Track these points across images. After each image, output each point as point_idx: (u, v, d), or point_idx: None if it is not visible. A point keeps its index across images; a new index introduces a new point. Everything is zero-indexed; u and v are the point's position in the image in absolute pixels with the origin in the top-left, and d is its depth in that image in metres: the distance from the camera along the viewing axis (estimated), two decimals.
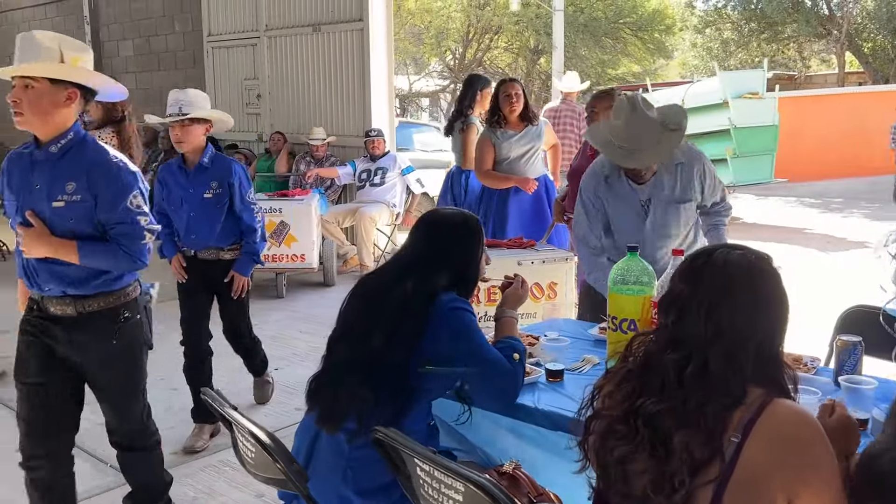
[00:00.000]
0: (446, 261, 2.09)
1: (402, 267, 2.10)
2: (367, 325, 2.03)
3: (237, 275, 3.80)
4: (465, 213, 2.25)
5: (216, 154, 3.76)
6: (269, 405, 4.12)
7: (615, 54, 24.12)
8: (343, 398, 1.95)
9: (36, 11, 12.41)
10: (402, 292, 2.01)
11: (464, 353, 1.98)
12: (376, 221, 7.18)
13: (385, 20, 7.62)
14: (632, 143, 2.78)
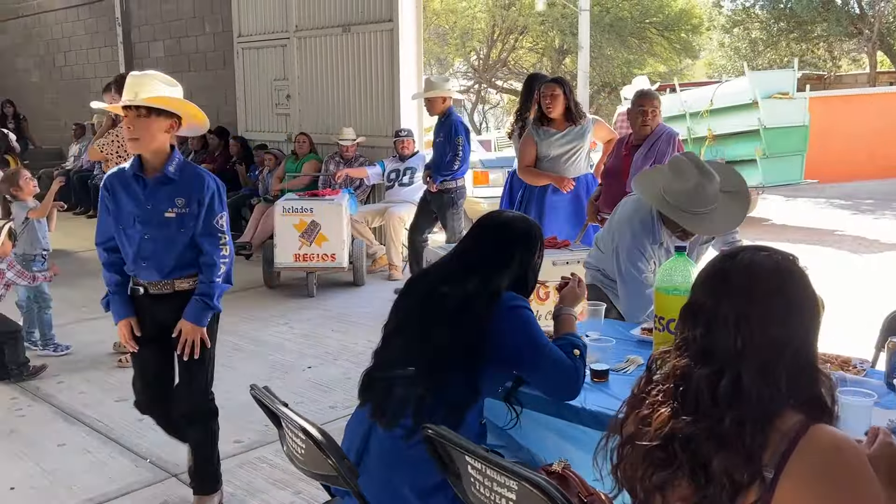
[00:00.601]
0: (509, 265, 2.12)
1: (465, 267, 2.12)
2: (426, 322, 2.04)
3: (186, 326, 2.81)
4: (528, 219, 2.28)
5: (185, 162, 2.85)
6: (302, 403, 4.14)
7: (641, 54, 23.97)
8: (398, 394, 1.96)
9: (69, 13, 12.60)
10: (464, 292, 2.03)
11: (525, 351, 2.00)
12: (405, 221, 7.20)
13: (415, 20, 7.64)
14: (701, 207, 2.71)
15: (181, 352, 2.84)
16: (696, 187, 2.68)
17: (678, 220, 2.76)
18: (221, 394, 4.23)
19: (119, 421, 3.91)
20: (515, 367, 2.05)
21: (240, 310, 6.05)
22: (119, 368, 4.68)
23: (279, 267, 6.52)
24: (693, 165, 2.72)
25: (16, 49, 14.22)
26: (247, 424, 3.86)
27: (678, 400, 1.31)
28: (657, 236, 2.92)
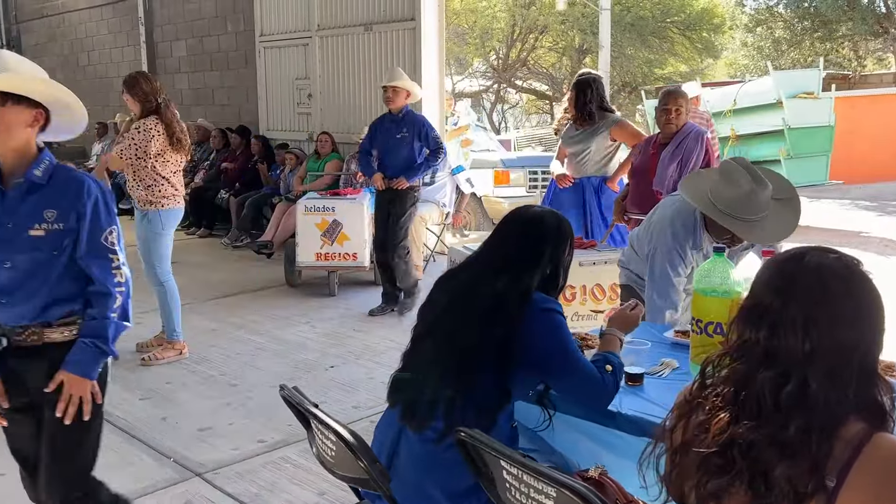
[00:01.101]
0: (539, 262, 2.06)
1: (493, 265, 2.06)
2: (455, 323, 2.00)
3: (69, 378, 2.10)
4: (557, 214, 2.21)
5: (58, 165, 2.22)
6: (325, 403, 4.10)
7: (662, 54, 23.79)
8: (428, 396, 1.93)
9: (92, 13, 12.69)
10: (494, 291, 1.99)
11: (554, 357, 1.95)
12: (426, 221, 7.17)
13: (437, 19, 7.62)
14: (753, 214, 2.64)
15: (61, 413, 2.09)
16: (748, 194, 2.61)
17: (730, 227, 2.68)
18: (244, 392, 4.27)
19: (143, 419, 3.90)
20: (542, 372, 1.99)
21: (262, 308, 6.05)
22: (143, 367, 4.69)
23: (301, 266, 6.51)
24: (745, 171, 2.65)
25: (40, 48, 14.34)
26: (270, 424, 3.85)
27: (738, 405, 1.27)
28: (698, 241, 2.86)
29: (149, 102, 4.53)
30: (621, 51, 22.06)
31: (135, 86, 4.52)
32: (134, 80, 4.56)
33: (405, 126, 5.70)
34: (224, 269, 7.45)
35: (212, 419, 3.91)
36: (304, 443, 3.61)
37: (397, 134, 5.70)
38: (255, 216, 8.81)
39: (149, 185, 4.56)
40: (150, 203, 4.59)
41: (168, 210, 4.63)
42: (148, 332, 5.24)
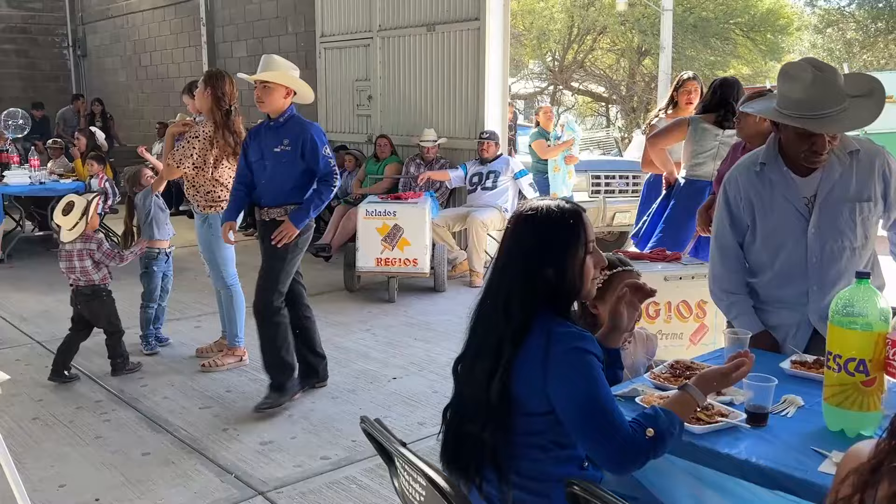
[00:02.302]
0: (537, 267, 1.74)
1: (496, 285, 1.79)
2: (473, 360, 1.79)
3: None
4: (561, 203, 1.81)
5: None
6: (389, 417, 3.94)
7: (724, 55, 23.15)
8: (468, 444, 1.74)
9: (155, 14, 12.82)
10: (501, 322, 1.72)
11: (578, 406, 1.66)
12: (488, 227, 6.97)
13: (502, 19, 7.41)
14: (817, 108, 2.27)
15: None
16: (812, 83, 2.27)
17: (800, 123, 2.32)
18: (307, 404, 4.12)
19: (203, 430, 3.78)
20: (563, 418, 1.69)
21: (322, 314, 5.88)
22: (202, 373, 4.59)
23: (361, 271, 6.37)
24: (806, 63, 2.33)
25: (104, 49, 14.59)
26: (334, 439, 3.70)
27: None
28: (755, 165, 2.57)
29: (223, 104, 4.41)
30: (681, 52, 21.52)
31: (217, 81, 4.40)
32: (219, 76, 4.44)
33: (287, 135, 3.97)
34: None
35: (273, 432, 3.77)
36: (369, 461, 3.45)
37: (276, 146, 3.98)
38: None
39: (207, 191, 4.48)
40: (210, 206, 4.50)
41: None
42: (207, 337, 5.16)
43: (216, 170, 4.45)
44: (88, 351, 5.03)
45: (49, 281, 6.92)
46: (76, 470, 3.37)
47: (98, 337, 5.30)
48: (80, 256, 4.38)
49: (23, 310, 5.93)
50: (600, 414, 1.64)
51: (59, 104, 13.28)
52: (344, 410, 4.04)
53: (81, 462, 3.44)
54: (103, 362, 4.79)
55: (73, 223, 4.31)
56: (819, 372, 2.02)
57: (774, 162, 2.54)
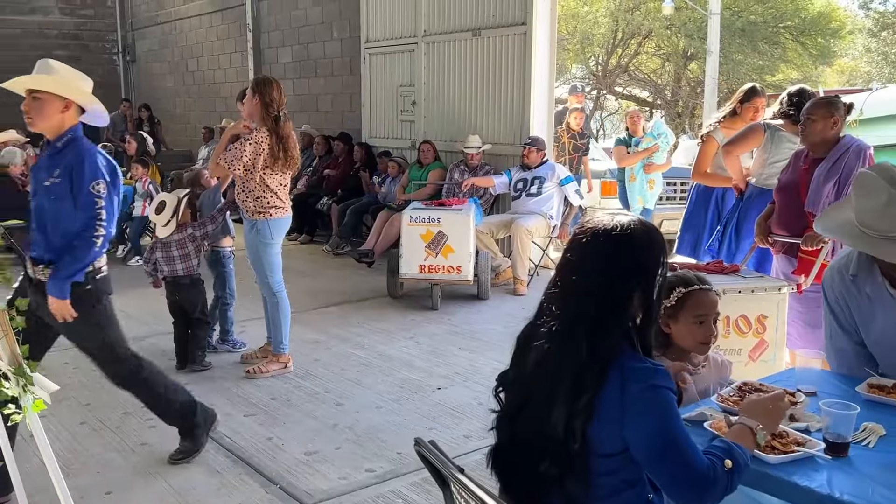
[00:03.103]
0: (625, 292, 1.63)
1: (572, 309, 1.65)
2: (542, 395, 1.66)
3: None
4: (644, 221, 1.74)
5: None
6: (434, 429, 3.87)
7: (773, 60, 22.67)
8: (528, 475, 1.65)
9: (202, 20, 12.99)
10: (580, 352, 1.60)
11: (655, 443, 1.57)
12: (533, 234, 6.87)
13: (549, 24, 7.31)
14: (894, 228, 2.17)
15: None
16: (886, 205, 2.17)
17: (857, 246, 2.26)
18: (351, 413, 4.07)
19: (248, 438, 3.76)
20: (637, 456, 1.61)
21: (365, 320, 5.89)
22: (247, 380, 4.57)
23: (404, 277, 6.32)
24: (881, 178, 2.20)
25: (153, 55, 14.84)
26: (378, 451, 3.64)
27: None
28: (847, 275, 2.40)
29: (271, 110, 4.41)
30: (728, 56, 21.13)
31: (265, 88, 4.40)
32: (267, 83, 4.44)
33: (60, 164, 3.04)
34: (325, 277, 7.36)
35: (318, 442, 3.72)
36: (415, 475, 3.38)
37: (46, 179, 3.06)
38: (355, 224, 8.73)
39: (257, 196, 4.47)
40: (259, 213, 4.49)
41: (276, 219, 4.51)
42: (251, 342, 5.16)
43: (266, 176, 4.44)
44: None
45: None
46: (122, 477, 3.36)
47: (146, 341, 5.35)
48: (179, 245, 4.67)
49: None
50: (679, 450, 1.55)
51: (109, 109, 13.35)
52: (388, 421, 3.98)
53: (127, 469, 3.44)
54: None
55: (167, 220, 4.60)
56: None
57: (868, 273, 2.38)
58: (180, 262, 4.68)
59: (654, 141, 7.50)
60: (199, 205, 4.81)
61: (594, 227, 1.70)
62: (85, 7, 15.40)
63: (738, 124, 4.72)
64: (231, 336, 5.14)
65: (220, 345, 5.06)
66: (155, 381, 3.38)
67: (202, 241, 4.78)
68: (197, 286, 4.76)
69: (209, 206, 4.83)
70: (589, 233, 1.69)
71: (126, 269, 7.75)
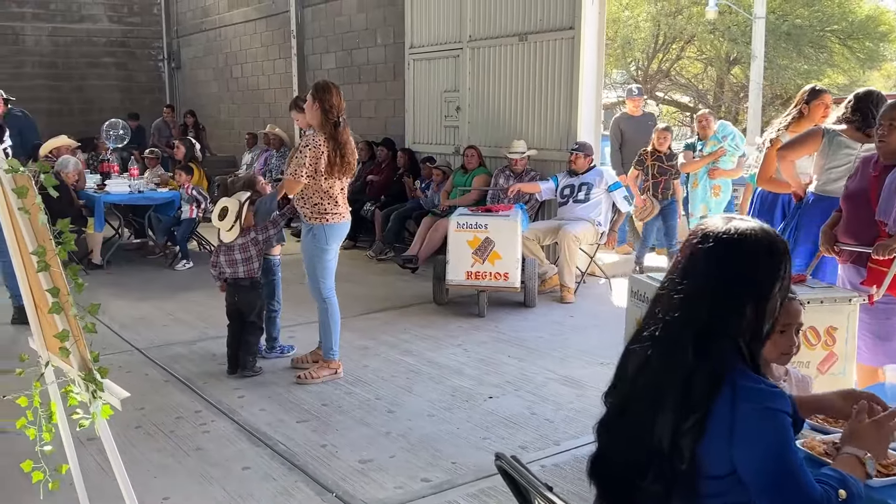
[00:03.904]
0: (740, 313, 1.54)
1: (681, 318, 1.55)
2: (643, 403, 1.58)
3: None
4: (766, 227, 1.63)
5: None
6: (488, 439, 3.82)
7: (819, 64, 22.25)
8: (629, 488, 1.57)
9: (247, 27, 13.13)
10: (683, 366, 1.51)
11: (767, 468, 1.48)
12: (581, 240, 6.78)
13: (597, 28, 7.23)
14: None
15: None
16: None
17: None
18: (403, 421, 4.03)
19: (302, 445, 3.74)
20: (747, 481, 1.52)
21: (412, 327, 5.86)
22: (298, 385, 4.56)
23: (450, 284, 6.27)
24: None
25: (197, 61, 15.04)
26: (433, 460, 3.59)
27: None
28: None
29: (331, 116, 4.42)
30: (772, 61, 20.79)
31: (325, 94, 4.41)
32: (326, 89, 4.45)
33: None
34: (370, 283, 7.35)
35: (372, 450, 3.69)
36: (472, 486, 3.33)
37: None
38: (398, 229, 8.71)
39: (315, 202, 4.47)
40: (316, 218, 4.49)
41: (333, 225, 4.51)
42: (300, 347, 5.16)
43: (324, 181, 4.44)
44: (183, 358, 5.11)
45: (146, 288, 7.10)
46: (179, 482, 3.36)
47: (196, 345, 5.39)
48: (243, 248, 4.69)
49: (122, 316, 6.06)
50: (794, 478, 1.47)
51: (154, 115, 13.74)
52: (441, 430, 3.93)
53: (184, 474, 3.44)
54: (198, 369, 4.85)
55: (230, 225, 4.62)
56: None
57: None
58: (242, 265, 4.70)
59: (719, 144, 7.04)
60: (255, 211, 4.82)
61: (708, 229, 1.61)
62: (132, 15, 15.69)
63: (804, 126, 4.58)
64: (278, 343, 5.14)
65: (268, 353, 5.05)
66: None
67: (264, 244, 4.79)
68: (256, 289, 4.77)
69: (265, 212, 4.84)
70: (702, 235, 1.61)
71: (174, 273, 7.84)
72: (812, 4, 21.41)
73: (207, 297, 6.51)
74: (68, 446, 2.62)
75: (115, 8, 15.55)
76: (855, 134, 4.12)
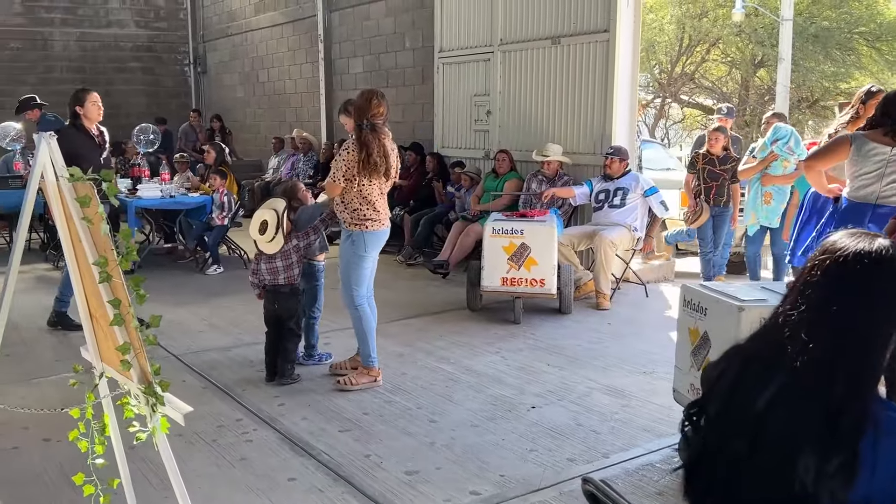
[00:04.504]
0: (882, 335, 1.41)
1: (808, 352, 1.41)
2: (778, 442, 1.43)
3: None
4: None
5: None
6: (535, 451, 3.74)
7: (846, 66, 21.94)
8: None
9: (273, 31, 13.15)
10: (829, 404, 1.38)
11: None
12: (617, 246, 6.69)
13: (633, 31, 7.14)
14: None
15: None
16: None
17: None
18: (447, 431, 3.96)
19: (346, 455, 3.68)
20: None
21: (447, 333, 5.79)
22: (337, 392, 4.51)
23: (485, 290, 6.20)
24: None
25: (223, 66, 15.09)
26: (480, 472, 3.51)
27: None
28: None
29: (358, 119, 4.43)
30: (799, 63, 20.53)
31: (361, 98, 4.47)
32: (364, 94, 4.51)
33: None
34: (401, 289, 7.29)
35: (417, 461, 3.62)
36: (524, 500, 3.25)
37: None
38: (428, 234, 8.66)
39: (355, 208, 4.44)
40: (355, 224, 4.46)
41: (372, 232, 4.47)
42: (336, 353, 5.11)
43: (362, 187, 4.41)
44: (220, 364, 5.08)
45: (177, 293, 7.08)
46: (225, 493, 3.31)
47: (232, 351, 5.35)
48: (284, 256, 4.66)
49: None
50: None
51: (181, 120, 13.81)
52: (486, 441, 3.86)
53: (229, 485, 3.39)
54: (236, 376, 4.81)
55: (272, 236, 4.57)
56: None
57: None
58: (283, 273, 4.67)
59: (769, 149, 6.44)
60: (296, 219, 4.78)
61: (850, 249, 1.47)
62: (159, 20, 15.78)
63: (860, 126, 4.52)
64: (316, 351, 5.09)
65: (306, 360, 5.01)
66: None
67: (305, 250, 4.75)
68: (296, 295, 4.74)
69: (306, 220, 4.81)
70: (842, 256, 1.47)
71: (205, 278, 7.83)
72: (840, 6, 21.12)
73: (240, 303, 6.48)
74: (120, 460, 2.57)
75: (142, 13, 15.65)
76: (883, 139, 4.04)
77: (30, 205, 2.07)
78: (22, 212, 2.09)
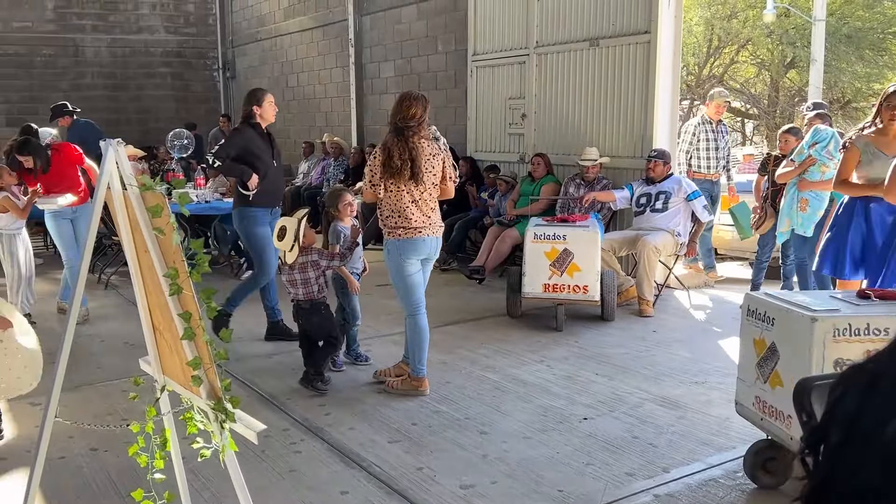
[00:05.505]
0: None
1: None
2: None
3: None
4: None
5: None
6: (592, 465, 3.62)
7: (879, 67, 21.57)
8: None
9: (303, 36, 13.14)
10: None
11: None
12: (661, 252, 6.55)
13: (674, 32, 7.00)
14: None
15: None
16: None
17: None
18: (498, 444, 3.85)
19: (398, 467, 3.59)
20: None
21: (488, 341, 5.69)
22: (385, 403, 4.43)
23: (527, 296, 6.09)
24: None
25: (252, 71, 15.11)
26: (537, 486, 3.41)
27: None
28: None
29: (392, 123, 4.37)
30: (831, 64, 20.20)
31: (396, 102, 4.41)
32: (402, 97, 4.43)
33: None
34: (437, 294, 7.18)
35: (472, 475, 3.52)
36: None
37: None
38: (462, 239, 8.57)
39: (386, 215, 4.41)
40: (388, 233, 4.42)
41: (405, 240, 4.38)
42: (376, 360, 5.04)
43: (388, 193, 4.35)
44: (263, 372, 5.01)
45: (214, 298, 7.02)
46: None
47: (273, 358, 5.29)
48: (302, 269, 4.58)
49: None
50: None
51: (210, 125, 13.84)
52: (540, 454, 3.75)
53: (282, 498, 3.31)
54: (279, 384, 4.74)
55: (290, 245, 4.47)
56: None
57: None
58: (301, 287, 4.58)
59: (806, 152, 6.03)
60: (331, 231, 4.72)
61: None
62: (188, 25, 15.85)
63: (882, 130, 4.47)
64: (355, 349, 5.08)
65: (346, 356, 4.98)
66: None
67: (326, 270, 4.68)
68: (318, 312, 4.61)
69: (335, 238, 4.77)
70: None
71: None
72: (873, 6, 20.78)
73: None
74: (179, 475, 2.50)
75: (172, 19, 15.72)
76: None
77: (97, 216, 2.00)
78: (90, 224, 2.02)
